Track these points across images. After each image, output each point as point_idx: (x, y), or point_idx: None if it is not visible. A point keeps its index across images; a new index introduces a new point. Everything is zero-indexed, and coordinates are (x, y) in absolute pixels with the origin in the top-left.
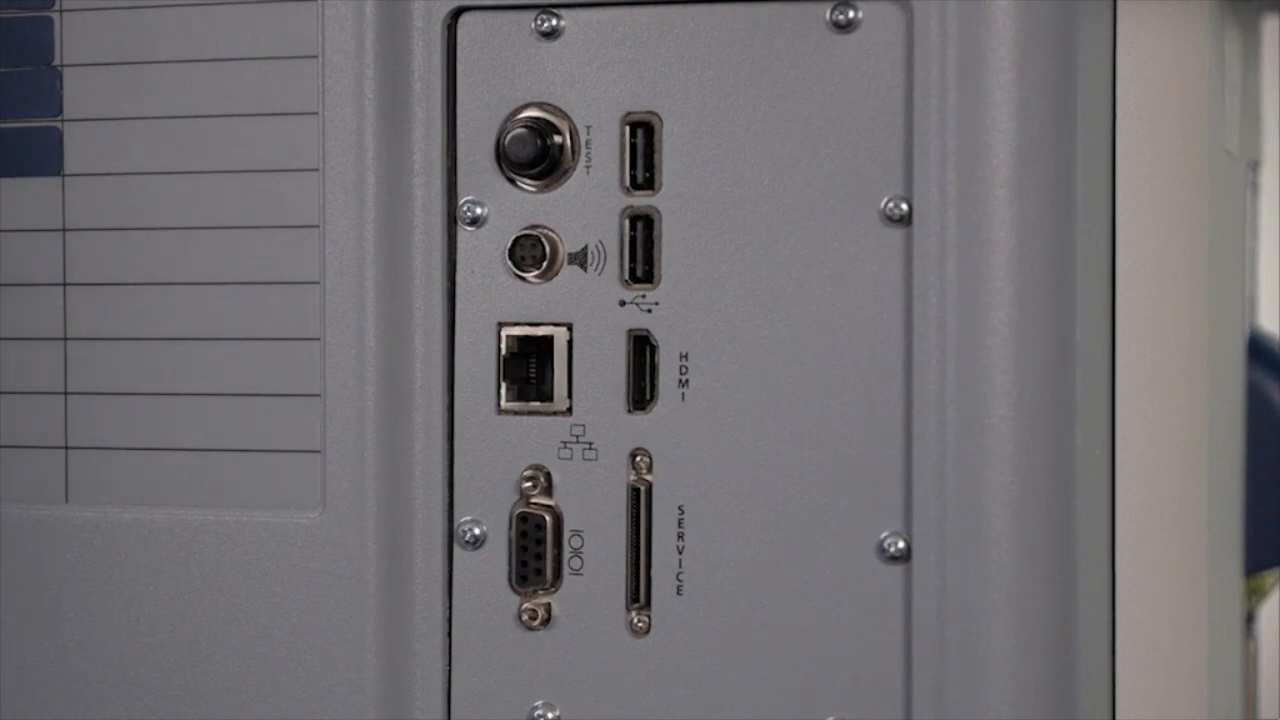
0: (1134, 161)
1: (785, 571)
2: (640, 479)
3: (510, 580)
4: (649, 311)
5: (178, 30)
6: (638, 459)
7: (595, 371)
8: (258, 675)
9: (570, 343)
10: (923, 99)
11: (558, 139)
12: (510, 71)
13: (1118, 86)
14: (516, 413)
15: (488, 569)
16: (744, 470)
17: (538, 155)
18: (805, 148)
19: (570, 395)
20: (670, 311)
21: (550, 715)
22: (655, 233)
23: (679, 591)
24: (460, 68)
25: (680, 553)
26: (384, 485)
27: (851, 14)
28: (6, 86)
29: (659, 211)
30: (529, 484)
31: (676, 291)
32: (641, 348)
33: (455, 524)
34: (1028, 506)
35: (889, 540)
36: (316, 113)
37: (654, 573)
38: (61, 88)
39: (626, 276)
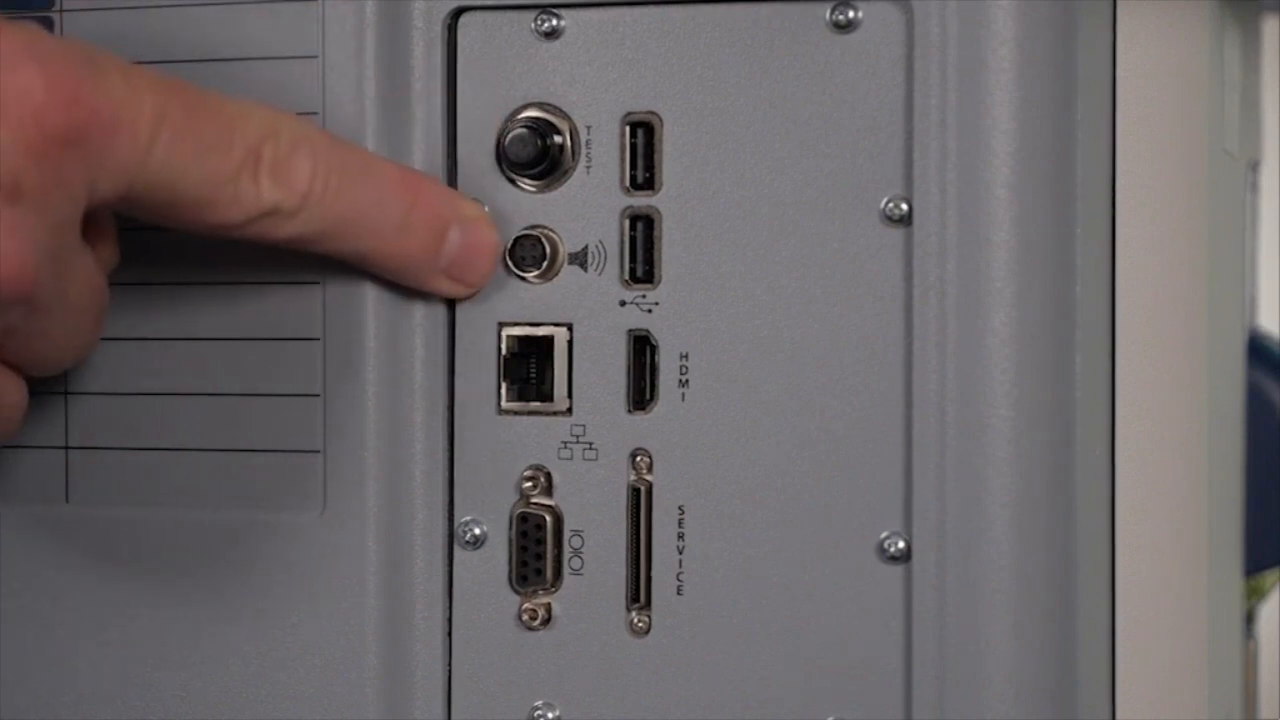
0: (1134, 161)
1: (785, 571)
2: (640, 479)
3: (510, 580)
4: (649, 311)
5: (177, 30)
6: (638, 459)
7: (595, 371)
8: (258, 675)
9: (570, 343)
10: (923, 99)
11: (558, 139)
12: (510, 71)
13: (1118, 86)
14: (517, 413)
15: (488, 569)
16: (744, 470)
17: (538, 155)
18: (805, 148)
19: (570, 395)
20: (670, 311)
21: (550, 715)
22: (655, 233)
23: (679, 591)
24: (460, 68)
25: (680, 553)
26: (384, 485)
27: (851, 14)
28: None
29: (659, 211)
30: (529, 484)
31: (676, 291)
32: (641, 348)
33: (455, 524)
34: (1028, 506)
35: (889, 540)
36: (317, 113)
37: (654, 573)
38: None
39: (626, 276)
